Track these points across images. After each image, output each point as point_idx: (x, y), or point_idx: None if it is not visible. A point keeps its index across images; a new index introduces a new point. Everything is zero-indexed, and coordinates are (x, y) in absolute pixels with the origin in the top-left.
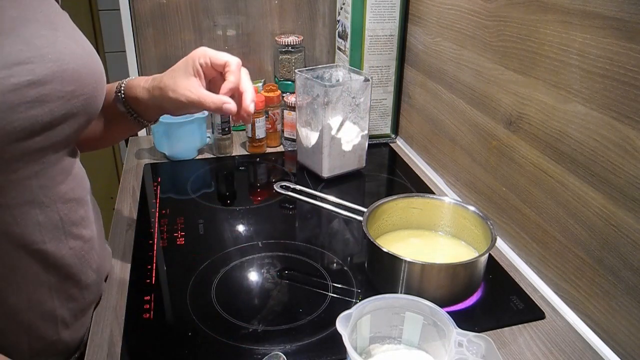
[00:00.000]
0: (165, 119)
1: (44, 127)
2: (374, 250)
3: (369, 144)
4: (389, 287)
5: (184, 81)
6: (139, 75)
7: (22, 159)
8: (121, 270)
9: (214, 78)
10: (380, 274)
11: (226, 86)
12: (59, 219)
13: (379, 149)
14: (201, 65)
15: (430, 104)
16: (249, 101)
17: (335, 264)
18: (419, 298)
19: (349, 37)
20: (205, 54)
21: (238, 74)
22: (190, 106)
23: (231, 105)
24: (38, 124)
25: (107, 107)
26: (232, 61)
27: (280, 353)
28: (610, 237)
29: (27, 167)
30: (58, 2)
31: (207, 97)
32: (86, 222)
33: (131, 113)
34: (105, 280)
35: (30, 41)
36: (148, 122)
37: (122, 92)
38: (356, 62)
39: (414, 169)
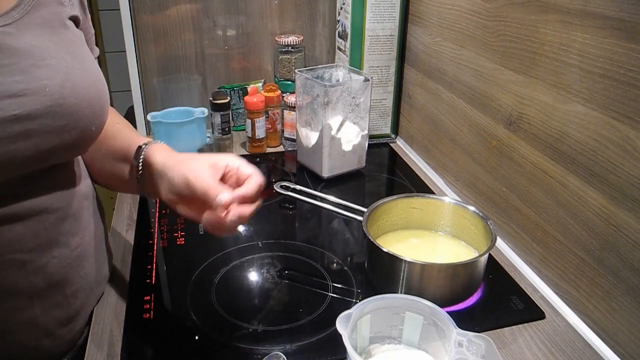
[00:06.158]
0: (165, 118)
1: (26, 160)
2: (374, 250)
3: (369, 144)
4: (389, 287)
5: (202, 166)
6: (138, 75)
7: (1, 187)
8: (121, 270)
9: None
10: (380, 274)
11: (238, 192)
12: (42, 229)
13: (379, 149)
14: (227, 165)
15: (430, 104)
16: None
17: (335, 264)
18: (419, 298)
19: (349, 37)
20: (237, 160)
21: (253, 189)
22: (191, 186)
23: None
24: (19, 158)
25: (118, 158)
26: (255, 177)
27: (280, 353)
28: (610, 237)
29: (6, 190)
30: (77, 24)
31: (213, 189)
32: (75, 230)
33: (138, 172)
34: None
35: (30, 71)
36: (143, 190)
37: (142, 154)
38: (356, 62)
39: (414, 169)
